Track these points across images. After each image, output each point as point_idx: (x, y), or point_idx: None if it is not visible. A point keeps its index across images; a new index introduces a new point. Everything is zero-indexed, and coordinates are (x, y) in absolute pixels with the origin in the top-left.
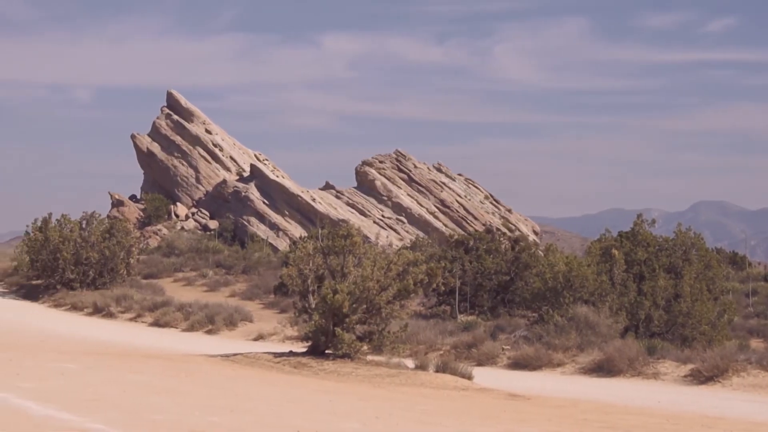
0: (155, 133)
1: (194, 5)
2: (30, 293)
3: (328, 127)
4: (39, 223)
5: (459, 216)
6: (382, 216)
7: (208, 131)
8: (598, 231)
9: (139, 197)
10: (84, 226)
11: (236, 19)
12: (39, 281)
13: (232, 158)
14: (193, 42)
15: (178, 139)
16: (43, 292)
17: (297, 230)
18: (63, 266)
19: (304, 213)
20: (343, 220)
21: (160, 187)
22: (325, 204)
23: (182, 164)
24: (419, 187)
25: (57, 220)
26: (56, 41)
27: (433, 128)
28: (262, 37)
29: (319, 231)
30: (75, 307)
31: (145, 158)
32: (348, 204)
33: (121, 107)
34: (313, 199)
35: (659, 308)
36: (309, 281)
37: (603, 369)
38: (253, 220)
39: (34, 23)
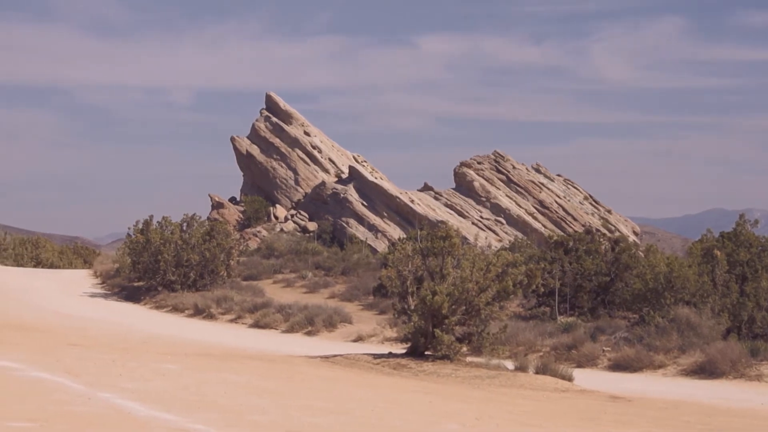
0: (254, 136)
1: (290, 8)
2: (131, 295)
3: (426, 129)
4: (140, 226)
5: (558, 217)
6: (481, 217)
7: (306, 133)
8: (698, 231)
9: (238, 199)
10: (185, 228)
11: (331, 21)
12: (140, 283)
13: (330, 160)
14: (289, 44)
15: (277, 141)
16: (145, 294)
17: (396, 232)
18: (164, 268)
19: (403, 214)
20: (441, 222)
21: (260, 189)
22: (424, 205)
23: (281, 166)
24: (518, 188)
25: (158, 222)
26: (155, 45)
27: (530, 129)
28: (358, 39)
29: (418, 232)
30: (176, 309)
31: (245, 160)
32: (446, 205)
33: (220, 110)
34: (412, 201)
35: (762, 309)
36: (408, 283)
37: (705, 371)
38: (351, 221)
39: (134, 27)
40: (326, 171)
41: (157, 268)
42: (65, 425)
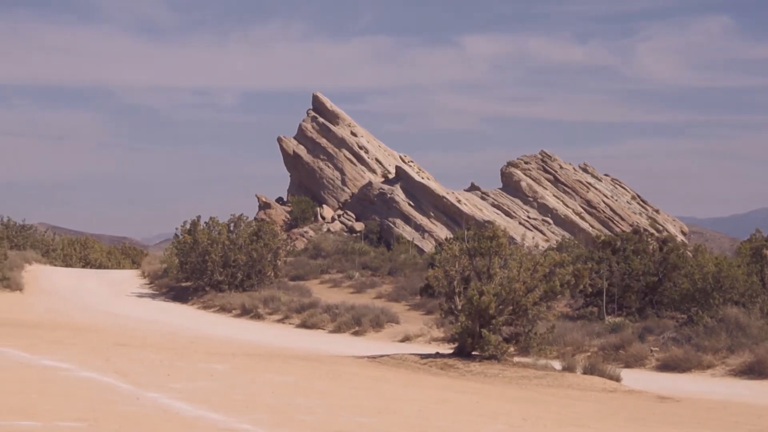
0: (301, 136)
1: (334, 9)
2: (179, 295)
3: (472, 129)
4: (188, 226)
5: (605, 216)
6: (528, 217)
7: (353, 133)
8: (747, 231)
9: (285, 200)
10: (232, 228)
11: (376, 22)
12: (188, 283)
13: (377, 160)
14: (334, 45)
15: (323, 141)
16: (192, 294)
17: (442, 232)
18: (211, 268)
19: (450, 214)
20: (488, 222)
21: (307, 189)
22: (471, 205)
23: (328, 166)
24: (565, 188)
25: (205, 222)
26: (201, 46)
27: (577, 128)
28: (403, 39)
29: (465, 232)
30: (223, 309)
31: (292, 161)
32: (493, 205)
33: (266, 110)
34: (459, 201)
35: None
36: (455, 283)
37: (754, 371)
38: (398, 221)
39: (180, 29)
40: (373, 171)
41: (205, 269)
42: (114, 425)
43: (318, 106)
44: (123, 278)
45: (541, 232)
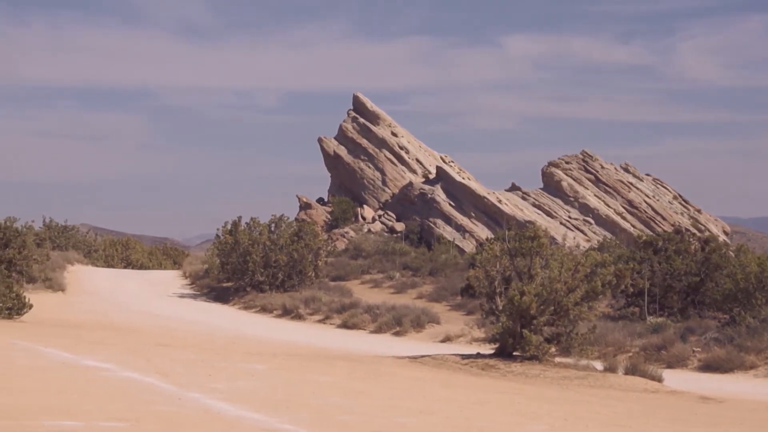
0: (342, 137)
1: (375, 9)
2: (220, 295)
3: (512, 129)
4: (229, 227)
5: (647, 217)
6: (569, 217)
7: (393, 134)
8: None
9: (326, 200)
10: (273, 229)
11: (416, 23)
12: (229, 284)
13: (417, 160)
14: (374, 46)
15: (364, 142)
16: (233, 295)
17: (483, 232)
18: (252, 269)
19: (490, 214)
20: (529, 222)
21: (347, 189)
22: (512, 205)
23: (368, 167)
24: (606, 188)
25: (246, 223)
26: (241, 47)
27: (618, 128)
28: (444, 39)
29: (506, 232)
30: (264, 309)
31: (332, 161)
32: (534, 205)
33: (307, 111)
34: (499, 201)
35: None
36: (496, 283)
37: None
38: (439, 222)
39: (220, 30)
40: (413, 171)
41: (246, 269)
42: (155, 425)
43: (358, 107)
44: (164, 279)
45: (582, 232)
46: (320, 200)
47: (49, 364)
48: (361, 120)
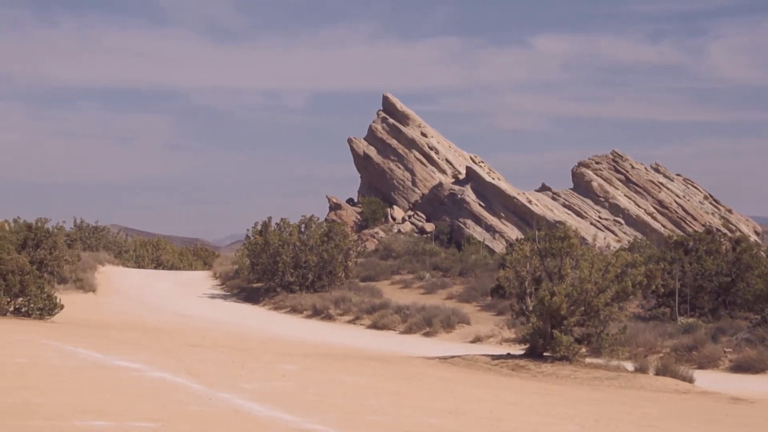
0: (371, 137)
1: (403, 9)
2: (251, 296)
3: (542, 129)
4: (259, 227)
5: (677, 217)
6: (599, 217)
7: (423, 134)
8: None
9: (356, 201)
10: (303, 229)
11: (446, 22)
12: (259, 284)
13: (447, 161)
14: (403, 46)
15: (394, 142)
16: (264, 295)
17: (513, 232)
18: (283, 269)
19: (520, 215)
20: (559, 222)
21: (377, 190)
22: (542, 206)
23: (398, 167)
24: (636, 188)
25: (276, 224)
26: (269, 48)
27: (648, 128)
28: (472, 40)
29: (536, 233)
30: (294, 310)
31: (362, 162)
32: (564, 205)
33: (336, 112)
34: (529, 201)
35: None
36: (526, 283)
37: None
38: (469, 222)
39: (247, 31)
40: (443, 172)
41: (276, 270)
42: (186, 425)
43: (388, 107)
44: (194, 279)
45: (612, 232)
46: (350, 201)
47: (80, 364)
48: (391, 120)
